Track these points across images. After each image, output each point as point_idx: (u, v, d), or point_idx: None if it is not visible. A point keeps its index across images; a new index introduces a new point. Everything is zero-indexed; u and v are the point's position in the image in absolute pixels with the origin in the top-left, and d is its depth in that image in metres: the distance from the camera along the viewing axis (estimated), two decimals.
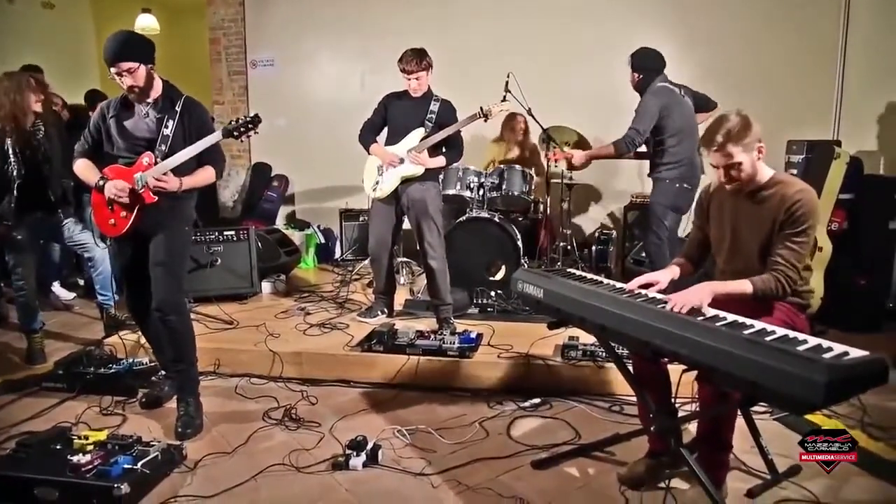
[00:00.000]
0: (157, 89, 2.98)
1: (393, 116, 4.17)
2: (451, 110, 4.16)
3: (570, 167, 4.96)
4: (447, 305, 4.15)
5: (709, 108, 4.57)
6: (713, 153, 2.37)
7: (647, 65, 4.23)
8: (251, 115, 3.04)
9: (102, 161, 3.07)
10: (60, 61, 7.23)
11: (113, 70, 2.85)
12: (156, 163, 2.92)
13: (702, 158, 4.10)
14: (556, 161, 4.71)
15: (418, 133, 4.09)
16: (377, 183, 4.19)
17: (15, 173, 3.85)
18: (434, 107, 4.09)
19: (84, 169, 3.08)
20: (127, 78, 2.85)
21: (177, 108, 2.96)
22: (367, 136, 4.20)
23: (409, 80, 4.01)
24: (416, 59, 3.96)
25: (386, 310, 4.40)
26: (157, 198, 2.92)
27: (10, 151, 3.83)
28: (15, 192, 3.85)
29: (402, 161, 4.06)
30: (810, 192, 2.35)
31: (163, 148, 2.93)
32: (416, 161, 4.03)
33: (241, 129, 3.01)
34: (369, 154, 4.23)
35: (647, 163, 4.52)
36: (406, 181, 4.09)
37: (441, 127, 4.05)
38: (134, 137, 2.99)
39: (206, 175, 3.06)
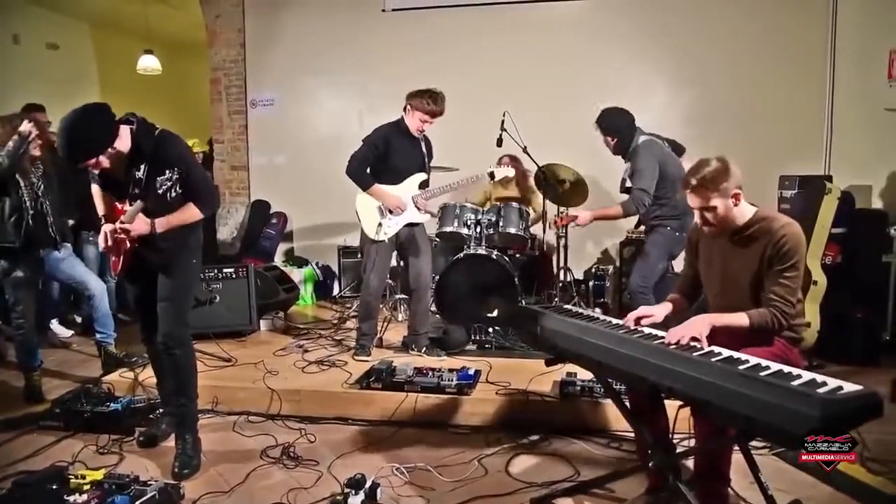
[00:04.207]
0: (126, 146, 2.84)
1: (395, 157, 4.18)
2: (430, 144, 4.36)
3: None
4: (426, 331, 4.45)
5: (680, 152, 4.59)
6: (689, 194, 2.45)
7: (619, 124, 4.18)
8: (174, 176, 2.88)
9: None
10: (64, 100, 7.31)
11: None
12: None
13: None
14: (562, 225, 4.68)
15: (419, 178, 4.21)
16: (380, 225, 4.23)
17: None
18: (423, 148, 4.26)
19: (97, 198, 3.10)
20: (93, 167, 2.82)
21: (146, 150, 2.85)
22: (366, 175, 4.16)
23: (427, 123, 4.11)
24: (444, 103, 4.10)
25: (371, 347, 4.43)
26: (129, 244, 2.91)
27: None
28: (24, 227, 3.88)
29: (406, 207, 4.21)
30: (794, 225, 2.41)
31: (136, 192, 2.87)
32: (424, 208, 4.17)
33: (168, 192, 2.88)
34: (366, 192, 4.20)
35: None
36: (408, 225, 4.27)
37: (429, 165, 4.31)
38: (119, 187, 2.95)
39: (189, 213, 2.96)
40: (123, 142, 2.84)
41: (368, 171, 4.20)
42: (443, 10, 6.46)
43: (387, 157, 4.17)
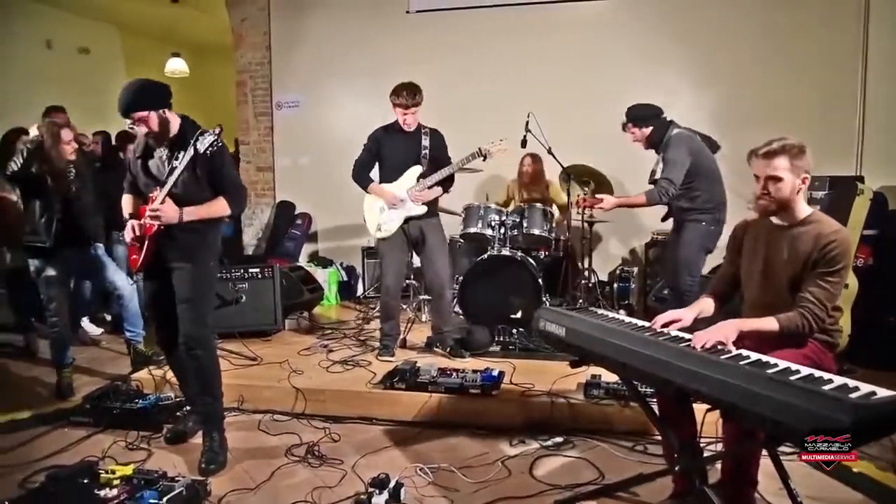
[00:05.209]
0: (174, 129, 3.02)
1: (387, 154, 4.25)
2: (441, 139, 4.31)
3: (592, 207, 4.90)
4: (452, 328, 4.38)
5: (714, 149, 4.54)
6: (761, 158, 2.40)
7: (650, 114, 4.15)
8: (215, 130, 2.96)
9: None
10: (94, 102, 7.50)
11: (127, 121, 2.95)
12: None
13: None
14: (584, 207, 4.67)
15: (416, 171, 4.20)
16: (380, 223, 4.26)
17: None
18: (426, 141, 4.21)
19: (125, 204, 3.20)
20: (141, 126, 2.94)
21: (190, 142, 2.95)
22: (364, 176, 4.27)
23: (405, 115, 4.11)
24: (412, 94, 4.06)
25: (395, 347, 4.45)
26: (155, 227, 2.97)
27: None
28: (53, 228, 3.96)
29: (402, 201, 4.18)
30: (845, 232, 2.37)
31: (169, 181, 2.95)
32: (419, 200, 4.14)
33: (210, 148, 2.92)
34: (367, 193, 4.30)
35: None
36: (413, 219, 4.23)
37: (434, 160, 4.21)
38: (153, 178, 3.06)
39: (217, 206, 3.04)
40: (174, 119, 3.01)
41: (375, 172, 4.30)
42: (467, 11, 6.46)
43: (381, 156, 4.27)
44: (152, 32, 9.05)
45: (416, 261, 4.72)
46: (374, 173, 4.38)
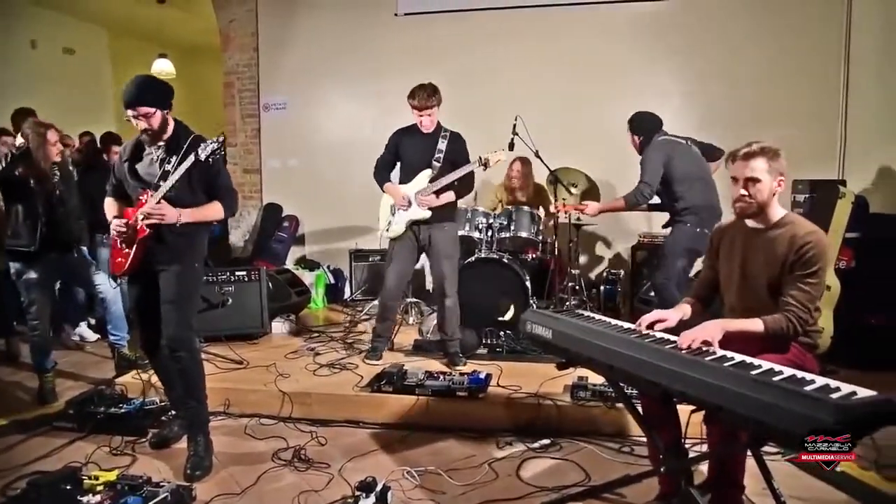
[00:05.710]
0: (169, 132, 3.04)
1: (404, 154, 4.25)
2: (461, 143, 4.25)
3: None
4: (455, 340, 4.27)
5: (715, 156, 4.66)
6: (739, 160, 2.43)
7: (645, 126, 4.36)
8: (219, 139, 2.95)
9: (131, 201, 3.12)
10: (79, 103, 7.46)
11: (130, 112, 2.93)
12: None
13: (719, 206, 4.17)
14: (565, 212, 4.74)
15: (426, 174, 4.16)
16: (389, 223, 4.26)
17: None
18: (442, 144, 4.17)
19: (108, 208, 3.19)
20: (142, 121, 2.93)
21: (183, 146, 2.97)
22: (382, 174, 4.29)
23: (422, 116, 4.09)
24: (429, 95, 4.04)
25: (384, 350, 4.42)
26: (149, 230, 2.96)
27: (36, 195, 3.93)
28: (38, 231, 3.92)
29: (410, 203, 4.15)
30: (821, 233, 2.38)
31: (166, 183, 2.94)
32: (424, 204, 4.11)
33: (212, 156, 2.91)
34: (384, 192, 4.30)
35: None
36: (421, 222, 4.18)
37: (451, 163, 4.16)
38: (142, 180, 3.04)
39: (212, 210, 3.07)
40: (170, 123, 3.03)
41: (396, 171, 4.31)
42: (455, 14, 6.47)
43: (399, 156, 4.28)
44: (139, 33, 8.99)
45: (417, 265, 4.69)
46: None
